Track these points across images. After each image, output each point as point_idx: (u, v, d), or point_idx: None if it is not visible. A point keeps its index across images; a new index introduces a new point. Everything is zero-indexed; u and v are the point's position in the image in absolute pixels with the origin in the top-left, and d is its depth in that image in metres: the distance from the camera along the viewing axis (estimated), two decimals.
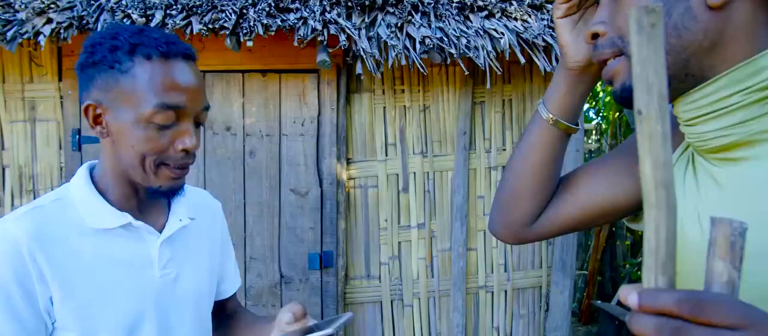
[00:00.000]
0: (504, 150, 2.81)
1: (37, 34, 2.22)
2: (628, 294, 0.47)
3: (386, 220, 2.77)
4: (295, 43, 2.31)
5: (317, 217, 2.66)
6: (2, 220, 0.95)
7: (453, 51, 2.30)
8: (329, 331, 0.96)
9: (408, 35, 2.39)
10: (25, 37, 2.21)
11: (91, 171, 1.06)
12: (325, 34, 2.32)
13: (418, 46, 2.33)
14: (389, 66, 2.39)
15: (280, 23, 2.28)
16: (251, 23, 2.26)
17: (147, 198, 1.07)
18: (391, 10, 2.45)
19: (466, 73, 2.49)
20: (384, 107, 2.78)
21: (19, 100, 2.64)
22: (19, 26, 2.21)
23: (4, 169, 2.65)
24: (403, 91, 2.78)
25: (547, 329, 2.82)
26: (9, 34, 2.18)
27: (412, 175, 2.78)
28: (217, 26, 2.26)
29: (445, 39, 2.33)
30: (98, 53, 0.95)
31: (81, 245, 0.98)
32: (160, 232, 1.07)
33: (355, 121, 2.76)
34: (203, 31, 2.24)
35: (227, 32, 2.26)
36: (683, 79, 0.68)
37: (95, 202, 1.00)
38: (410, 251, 2.78)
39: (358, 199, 2.77)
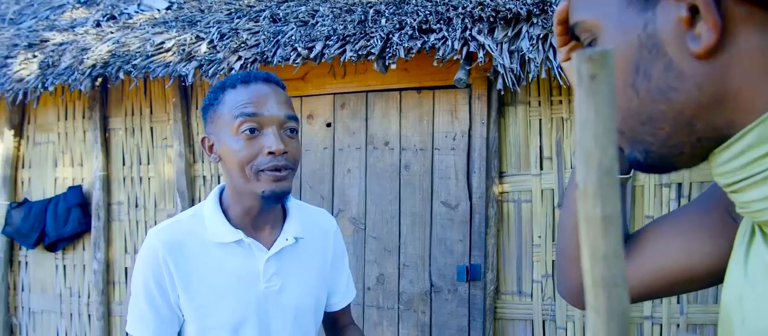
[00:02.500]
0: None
1: (231, 69, 2.70)
2: None
3: (540, 237, 2.67)
4: (435, 63, 2.39)
5: (466, 230, 2.70)
6: (151, 230, 1.24)
7: None
8: None
9: (551, 46, 2.28)
10: (222, 71, 2.71)
11: (222, 191, 1.29)
12: (465, 51, 2.36)
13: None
14: (529, 80, 2.31)
15: (420, 45, 2.39)
16: (394, 47, 2.42)
17: (261, 208, 1.22)
18: (535, 21, 2.36)
19: None
20: (540, 119, 2.68)
21: None
22: (218, 64, 2.73)
23: (219, 178, 3.28)
24: (560, 101, 2.65)
25: None
26: (210, 71, 2.71)
27: None
28: (365, 52, 2.47)
29: None
30: (207, 100, 1.22)
31: (202, 255, 1.21)
32: (269, 248, 1.25)
33: (510, 134, 2.72)
34: (353, 57, 2.48)
35: (374, 57, 2.45)
36: (696, 144, 0.54)
37: (217, 219, 1.22)
38: None
39: (511, 214, 2.72)
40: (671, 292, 0.75)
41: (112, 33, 3.23)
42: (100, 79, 3.11)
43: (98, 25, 3.40)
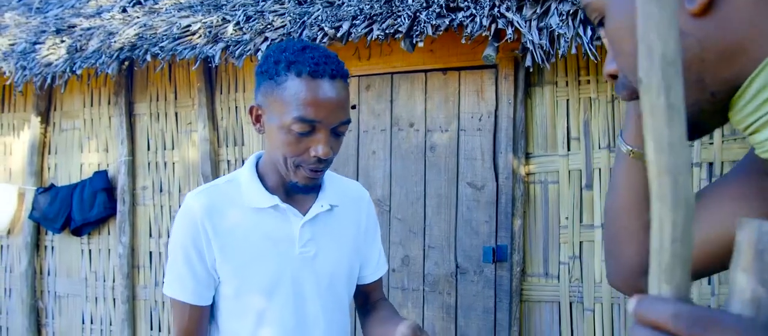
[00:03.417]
0: (710, 144, 2.44)
1: (257, 50, 2.72)
2: (631, 300, 0.42)
3: (567, 218, 2.65)
4: (463, 41, 2.38)
5: (492, 211, 2.69)
6: (188, 194, 1.25)
7: None
8: None
9: (582, 22, 2.26)
10: (248, 53, 2.73)
11: (258, 159, 1.30)
12: (493, 29, 2.35)
13: (590, 32, 2.19)
14: (559, 56, 2.30)
15: (448, 23, 2.38)
16: (422, 25, 2.41)
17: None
18: None
19: None
20: (567, 100, 2.66)
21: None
22: (244, 45, 2.74)
23: (243, 161, 3.30)
24: (588, 81, 2.62)
25: None
26: (237, 52, 2.72)
27: (596, 170, 2.60)
28: (392, 31, 2.46)
29: None
30: (266, 64, 1.16)
31: (239, 219, 1.22)
32: (305, 215, 1.25)
33: (536, 114, 2.70)
34: (380, 36, 2.47)
35: (401, 35, 2.45)
36: (711, 99, 0.56)
37: (254, 185, 1.23)
38: (593, 252, 2.61)
39: (538, 195, 2.71)
40: (719, 266, 0.72)
41: (138, 17, 3.26)
42: (127, 63, 3.14)
43: (124, 10, 3.44)
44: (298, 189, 1.20)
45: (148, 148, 3.56)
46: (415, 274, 2.84)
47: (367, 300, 1.46)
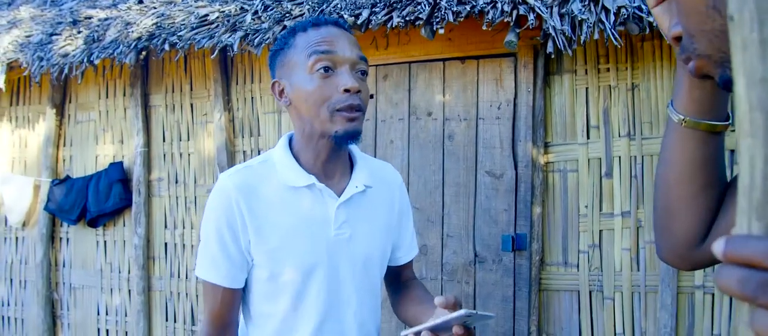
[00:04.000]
0: (732, 131, 2.42)
1: (275, 39, 2.71)
2: (717, 242, 0.39)
3: (586, 207, 2.64)
4: (484, 27, 2.38)
5: (511, 199, 2.68)
6: (222, 174, 1.22)
7: (652, 19, 2.10)
8: (490, 314, 1.03)
9: (604, 8, 2.25)
10: (267, 42, 2.73)
11: (291, 139, 1.28)
12: (514, 15, 2.34)
13: (613, 18, 2.19)
14: (581, 42, 2.29)
15: (469, 9, 2.38)
16: (442, 12, 2.41)
17: (331, 151, 1.21)
18: None
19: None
20: (586, 88, 2.65)
21: (270, 95, 3.25)
22: (263, 34, 2.74)
23: (259, 152, 3.30)
24: (607, 69, 2.61)
25: None
26: (256, 41, 2.72)
27: (616, 159, 2.59)
28: (412, 18, 2.46)
29: (644, 7, 2.14)
30: (278, 44, 1.23)
31: (274, 199, 1.20)
32: (340, 196, 1.24)
33: (555, 103, 2.70)
34: (400, 23, 2.47)
35: (422, 22, 2.44)
36: None
37: (289, 163, 1.21)
38: (613, 241, 2.60)
39: (557, 184, 2.70)
40: None
41: (155, 8, 3.27)
42: (144, 53, 3.14)
43: (141, 1, 3.45)
44: (341, 139, 1.16)
45: (164, 140, 3.57)
46: (433, 263, 2.84)
47: (398, 279, 1.44)
